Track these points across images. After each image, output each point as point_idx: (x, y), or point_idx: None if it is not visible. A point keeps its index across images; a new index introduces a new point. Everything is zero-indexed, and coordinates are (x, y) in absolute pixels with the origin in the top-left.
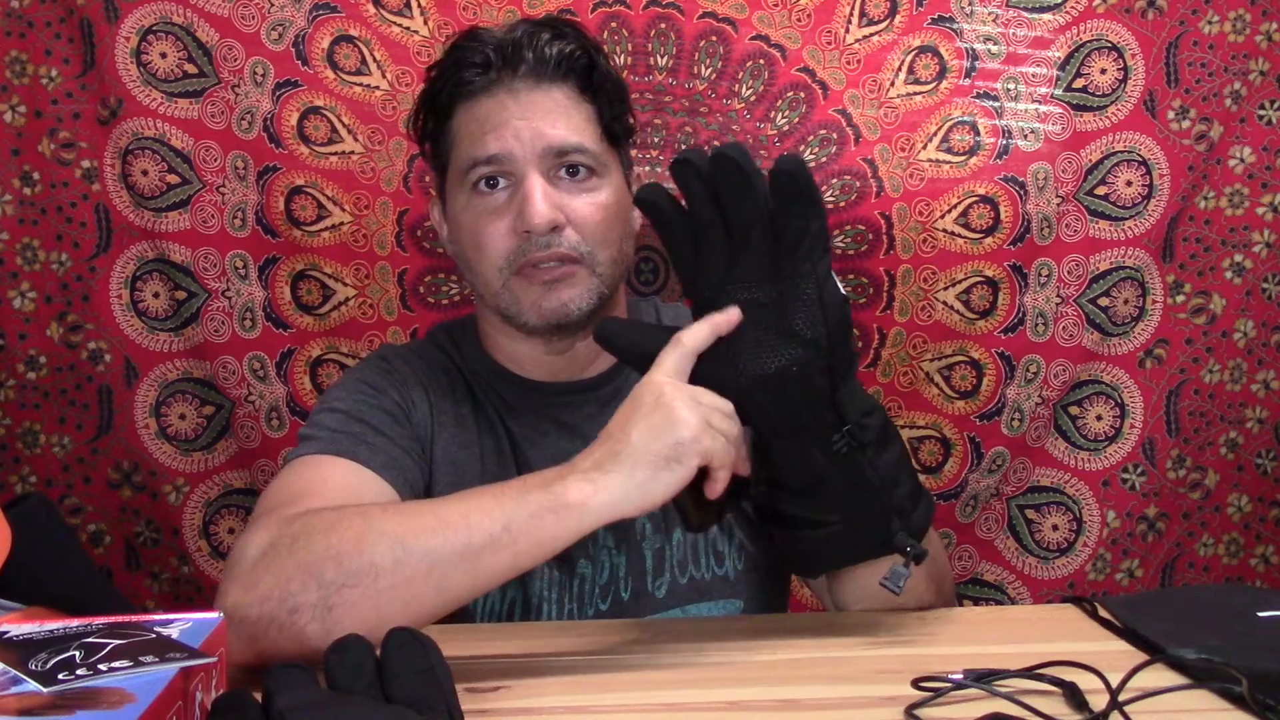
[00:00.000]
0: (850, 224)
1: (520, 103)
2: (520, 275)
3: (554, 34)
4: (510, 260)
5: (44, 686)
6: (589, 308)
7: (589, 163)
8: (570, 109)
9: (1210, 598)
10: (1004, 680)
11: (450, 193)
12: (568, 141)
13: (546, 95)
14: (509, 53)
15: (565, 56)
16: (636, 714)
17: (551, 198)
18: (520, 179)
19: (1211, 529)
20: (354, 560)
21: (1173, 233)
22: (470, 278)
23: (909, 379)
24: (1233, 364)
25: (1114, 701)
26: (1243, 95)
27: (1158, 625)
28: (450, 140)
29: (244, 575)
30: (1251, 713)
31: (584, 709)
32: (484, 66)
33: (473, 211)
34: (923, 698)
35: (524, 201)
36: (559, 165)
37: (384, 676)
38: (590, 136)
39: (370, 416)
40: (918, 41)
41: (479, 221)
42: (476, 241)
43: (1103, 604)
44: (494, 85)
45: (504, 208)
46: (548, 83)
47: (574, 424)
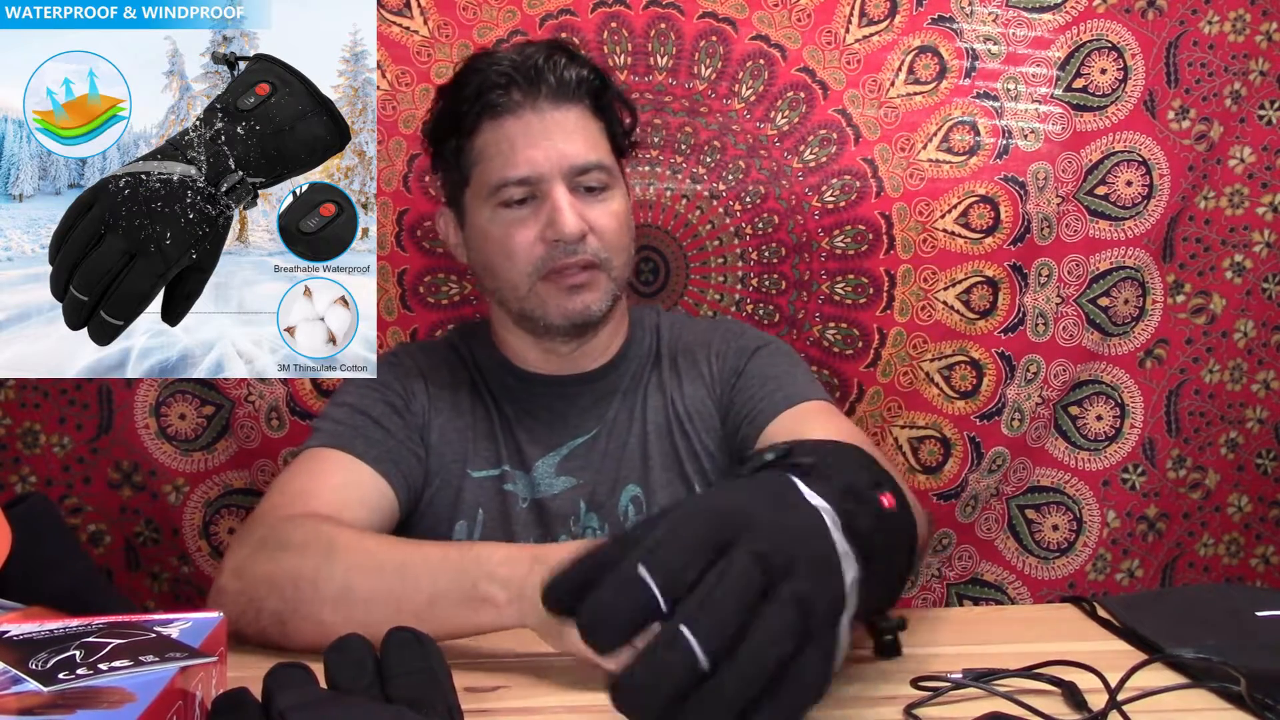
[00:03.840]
0: (850, 224)
1: (545, 123)
2: (546, 280)
3: (569, 58)
4: (538, 266)
5: (44, 686)
6: (606, 308)
7: (604, 177)
8: (587, 127)
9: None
10: (1003, 680)
11: (471, 204)
12: (588, 159)
13: (566, 115)
14: (531, 75)
15: (582, 79)
16: None
17: (577, 209)
18: (546, 193)
19: (1212, 529)
20: (308, 590)
21: (1173, 232)
22: (493, 282)
23: (909, 379)
24: (1233, 364)
25: (1113, 701)
26: (1243, 95)
27: (1156, 625)
28: (474, 155)
29: (235, 563)
30: (1250, 712)
31: (584, 709)
32: (506, 87)
33: (501, 223)
34: (922, 697)
35: (554, 213)
36: (580, 181)
37: (384, 676)
38: (604, 152)
39: (373, 409)
40: (918, 41)
41: (508, 231)
42: (506, 249)
43: (1102, 604)
44: (519, 106)
45: (530, 219)
46: (567, 103)
47: (565, 412)
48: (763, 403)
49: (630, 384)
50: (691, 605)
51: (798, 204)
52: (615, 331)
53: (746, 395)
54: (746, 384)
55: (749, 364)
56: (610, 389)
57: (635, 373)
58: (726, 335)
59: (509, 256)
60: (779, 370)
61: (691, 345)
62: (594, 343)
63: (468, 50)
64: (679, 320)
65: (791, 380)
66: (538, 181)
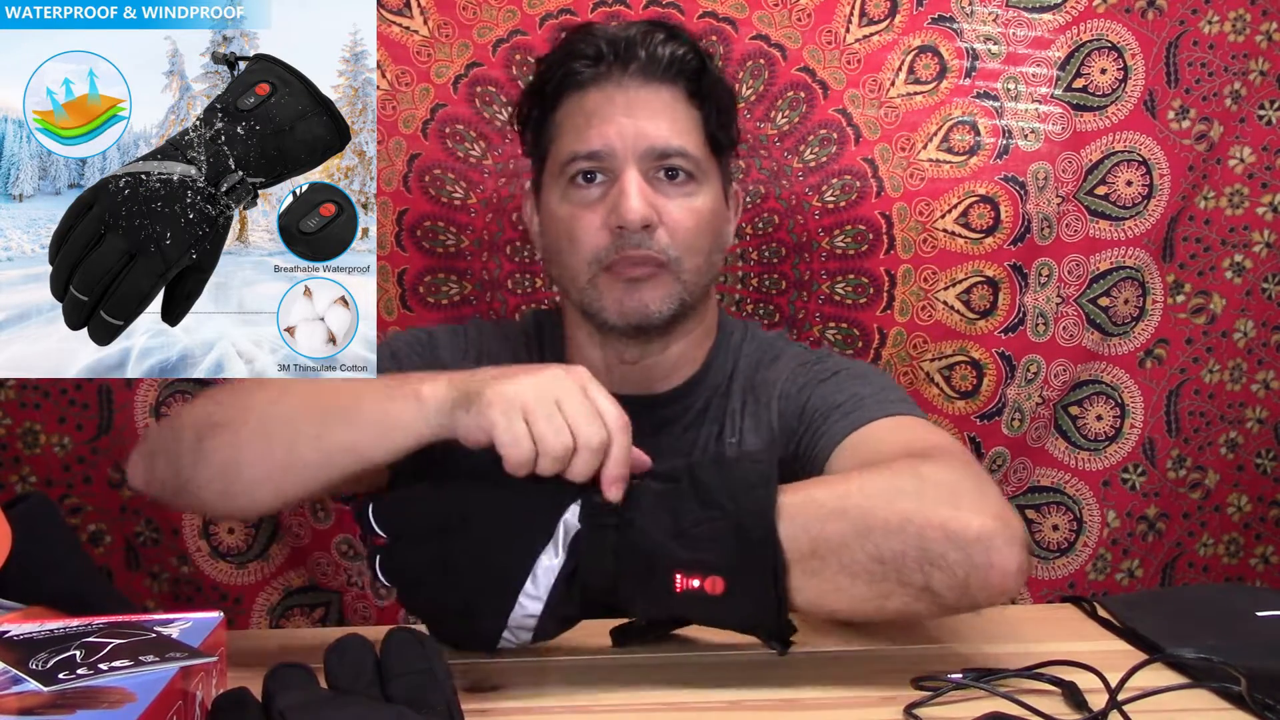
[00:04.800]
0: (850, 224)
1: (628, 98)
2: (608, 271)
3: (668, 35)
4: (601, 256)
5: (44, 686)
6: (669, 311)
7: (688, 167)
8: (676, 111)
9: (1209, 597)
10: (1003, 679)
11: (546, 184)
12: (670, 144)
13: (655, 95)
14: (621, 48)
15: (677, 58)
16: (636, 714)
17: (647, 195)
18: (618, 175)
19: (1211, 529)
20: (239, 401)
21: (1173, 232)
22: (557, 271)
23: (909, 379)
24: (1233, 364)
25: (1113, 701)
26: (1243, 95)
27: (1157, 625)
28: (553, 130)
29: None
30: (1250, 712)
31: (584, 709)
32: (595, 60)
33: (569, 203)
34: (922, 697)
35: (620, 196)
36: (658, 166)
37: (383, 676)
38: (693, 141)
39: (408, 363)
40: (918, 41)
41: (574, 213)
42: (570, 233)
43: (1102, 603)
44: (602, 79)
45: (598, 202)
46: (656, 82)
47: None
48: (823, 438)
49: (695, 418)
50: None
51: (798, 204)
52: (690, 351)
53: (811, 433)
54: (809, 420)
55: (811, 398)
56: (669, 419)
57: (702, 406)
58: (797, 371)
59: (573, 241)
60: (844, 396)
61: (764, 382)
62: (663, 358)
63: (468, 50)
64: (768, 346)
65: (858, 404)
66: (609, 158)
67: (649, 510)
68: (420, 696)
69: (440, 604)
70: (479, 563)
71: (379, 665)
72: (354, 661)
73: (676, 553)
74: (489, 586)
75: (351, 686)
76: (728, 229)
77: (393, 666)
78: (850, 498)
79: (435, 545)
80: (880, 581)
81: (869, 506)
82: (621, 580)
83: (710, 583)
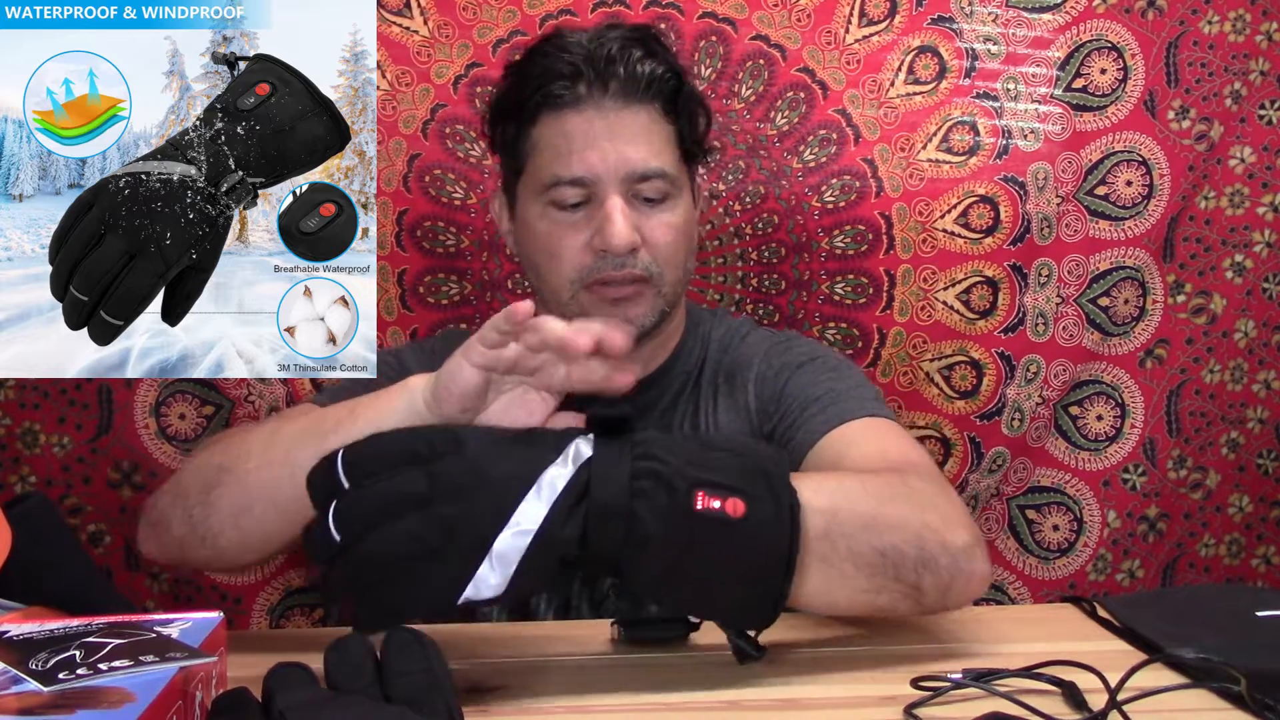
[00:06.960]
0: (850, 224)
1: (608, 123)
2: (590, 290)
3: (645, 51)
4: (584, 275)
5: (44, 686)
6: (651, 324)
7: (666, 187)
8: (653, 131)
9: (1209, 597)
10: (1003, 680)
11: (523, 196)
12: (650, 166)
13: (634, 118)
14: (600, 67)
15: (656, 78)
16: (636, 714)
17: (630, 219)
18: (601, 199)
19: (1213, 529)
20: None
21: (1173, 232)
22: (537, 282)
23: (909, 379)
24: (1233, 364)
25: (1113, 701)
26: (1243, 95)
27: (1157, 625)
28: (530, 147)
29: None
30: (1250, 712)
31: (584, 709)
32: (572, 79)
33: (549, 221)
34: (922, 697)
35: (605, 222)
36: (638, 188)
37: (384, 676)
38: (669, 159)
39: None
40: (917, 41)
41: (555, 232)
42: (551, 251)
43: (1102, 604)
44: (582, 101)
45: (581, 223)
46: (636, 104)
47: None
48: (800, 431)
49: (668, 403)
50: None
51: (797, 204)
52: (662, 345)
53: (787, 423)
54: (785, 408)
55: (788, 385)
56: (644, 406)
57: (677, 390)
58: (770, 352)
59: (554, 259)
60: (821, 390)
61: (736, 364)
62: (636, 354)
63: (468, 51)
64: (735, 329)
65: (834, 399)
66: (593, 184)
67: (664, 443)
68: (420, 697)
69: (415, 536)
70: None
71: (379, 665)
72: (354, 661)
73: (698, 473)
74: (484, 499)
75: (352, 686)
76: (696, 229)
77: (393, 666)
78: (856, 491)
79: (419, 471)
80: (878, 575)
81: (875, 502)
82: (637, 497)
83: (731, 504)
